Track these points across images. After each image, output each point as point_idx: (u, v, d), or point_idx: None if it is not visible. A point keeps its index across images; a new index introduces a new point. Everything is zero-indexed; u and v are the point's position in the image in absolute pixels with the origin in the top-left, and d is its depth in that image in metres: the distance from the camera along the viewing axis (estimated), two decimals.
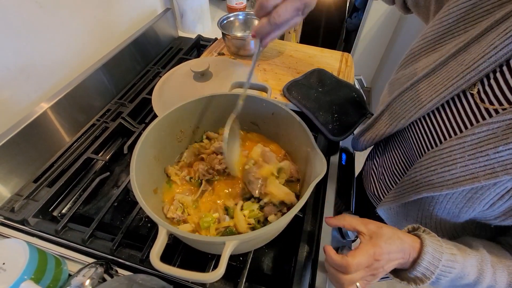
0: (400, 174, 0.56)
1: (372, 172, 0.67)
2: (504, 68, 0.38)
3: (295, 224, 0.51)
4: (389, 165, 0.59)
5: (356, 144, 0.67)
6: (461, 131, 0.42)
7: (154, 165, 0.48)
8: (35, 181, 0.58)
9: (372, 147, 0.67)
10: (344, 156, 0.71)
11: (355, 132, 0.68)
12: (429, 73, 0.47)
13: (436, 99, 0.44)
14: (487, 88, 0.40)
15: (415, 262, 0.38)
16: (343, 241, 0.57)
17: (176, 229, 0.32)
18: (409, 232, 0.43)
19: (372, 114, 0.68)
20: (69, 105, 0.66)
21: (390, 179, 0.60)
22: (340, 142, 0.69)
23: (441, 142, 0.44)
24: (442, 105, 0.45)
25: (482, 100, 0.40)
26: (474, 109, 0.41)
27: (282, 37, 1.50)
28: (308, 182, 0.42)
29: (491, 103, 0.39)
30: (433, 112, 0.46)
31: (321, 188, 0.58)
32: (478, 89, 0.41)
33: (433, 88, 0.45)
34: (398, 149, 0.57)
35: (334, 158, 0.66)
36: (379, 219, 0.64)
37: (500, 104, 0.38)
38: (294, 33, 1.58)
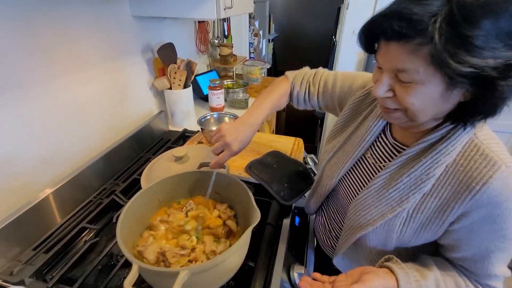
0: (341, 223, 0.70)
1: (321, 229, 0.80)
2: (379, 138, 0.61)
3: (248, 273, 0.61)
4: (332, 219, 0.74)
5: (308, 208, 0.82)
6: (369, 182, 0.60)
7: (135, 227, 0.62)
8: (34, 248, 0.69)
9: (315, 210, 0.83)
10: (297, 219, 0.85)
11: (307, 196, 0.85)
12: (341, 145, 0.69)
13: (349, 162, 0.65)
14: (374, 152, 0.61)
15: None
16: None
17: (141, 263, 0.45)
18: (385, 261, 0.54)
19: None
20: (71, 188, 0.82)
21: (335, 230, 0.73)
22: (294, 206, 0.85)
23: (359, 192, 0.62)
24: (354, 165, 0.65)
25: (374, 160, 0.61)
26: (371, 166, 0.62)
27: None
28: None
29: (379, 161, 0.60)
30: (350, 171, 0.66)
31: (273, 244, 0.71)
32: (370, 153, 0.62)
33: (346, 154, 0.66)
34: (335, 205, 0.73)
35: (287, 220, 0.80)
36: (337, 271, 0.73)
37: (382, 162, 0.59)
38: (267, 125, 1.92)
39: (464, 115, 0.45)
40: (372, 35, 0.47)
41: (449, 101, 0.44)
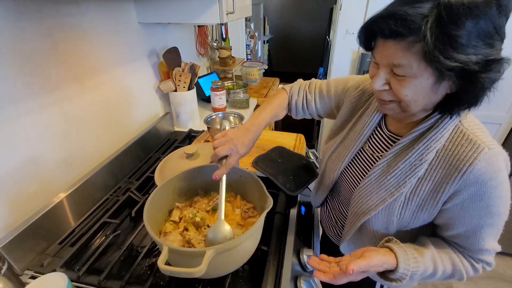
0: (345, 212, 0.75)
1: (327, 220, 0.86)
2: (376, 131, 0.66)
3: (260, 258, 0.67)
4: (337, 210, 0.80)
5: (314, 201, 0.88)
6: (368, 172, 0.66)
7: (156, 219, 0.67)
8: (60, 243, 0.74)
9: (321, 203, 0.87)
10: (303, 208, 0.91)
11: (312, 190, 0.90)
12: (342, 141, 0.74)
13: (349, 155, 0.70)
14: (371, 144, 0.67)
15: (395, 269, 0.54)
16: (304, 273, 0.71)
17: (171, 244, 0.50)
18: (385, 242, 0.60)
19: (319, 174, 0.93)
20: (88, 187, 0.86)
21: (340, 220, 0.79)
22: (299, 197, 0.91)
23: (360, 182, 0.67)
24: (354, 157, 0.71)
25: (372, 151, 0.67)
26: (369, 157, 0.67)
27: None
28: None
29: (376, 152, 0.65)
30: (350, 163, 0.72)
31: (283, 230, 0.76)
32: (368, 145, 0.68)
33: (346, 148, 0.72)
34: (338, 196, 0.79)
35: (294, 210, 0.86)
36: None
37: (380, 152, 0.65)
38: None
39: (450, 105, 0.51)
40: (370, 34, 0.52)
41: (438, 93, 0.50)
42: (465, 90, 0.48)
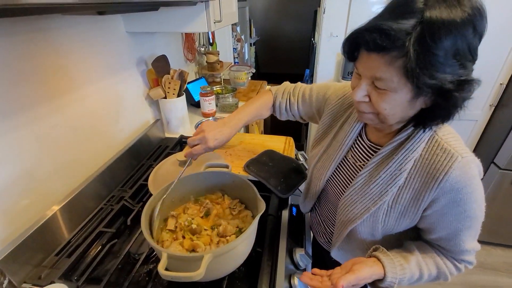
0: (334, 219, 0.78)
1: (317, 227, 0.89)
2: (357, 141, 0.70)
3: (255, 260, 0.70)
4: (325, 217, 0.83)
5: (303, 207, 0.91)
6: (352, 181, 0.68)
7: (155, 223, 0.69)
8: (57, 254, 0.74)
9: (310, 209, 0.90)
10: (294, 209, 0.95)
11: (301, 197, 0.93)
12: (325, 150, 0.77)
13: (333, 164, 0.73)
14: (353, 153, 0.70)
15: (383, 279, 0.58)
16: (297, 271, 0.75)
17: (169, 251, 0.53)
18: (373, 251, 0.63)
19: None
20: (82, 198, 0.87)
21: (329, 227, 0.82)
22: (290, 199, 0.94)
23: (345, 190, 0.70)
24: (338, 166, 0.74)
25: (354, 160, 0.70)
26: (353, 166, 0.70)
27: (247, 129, 1.91)
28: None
29: (358, 161, 0.69)
30: (335, 171, 0.75)
31: (275, 232, 0.80)
32: (351, 155, 0.71)
33: (329, 158, 0.74)
34: (326, 203, 0.81)
35: (285, 212, 0.89)
36: (335, 262, 0.83)
37: (362, 161, 0.68)
38: (256, 126, 2.01)
39: (424, 119, 0.54)
40: (355, 46, 0.54)
41: (414, 107, 0.53)
42: (439, 106, 0.50)
